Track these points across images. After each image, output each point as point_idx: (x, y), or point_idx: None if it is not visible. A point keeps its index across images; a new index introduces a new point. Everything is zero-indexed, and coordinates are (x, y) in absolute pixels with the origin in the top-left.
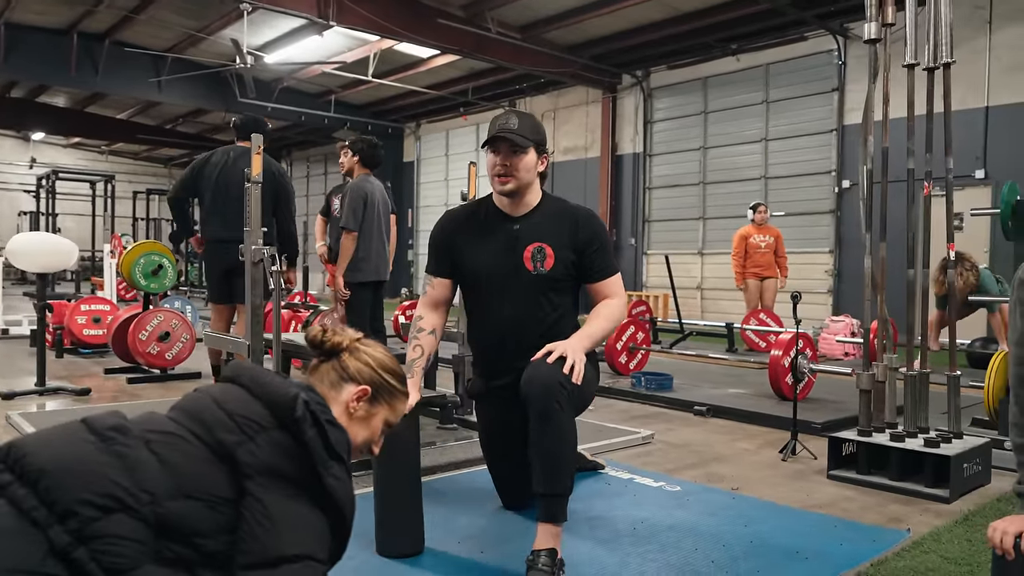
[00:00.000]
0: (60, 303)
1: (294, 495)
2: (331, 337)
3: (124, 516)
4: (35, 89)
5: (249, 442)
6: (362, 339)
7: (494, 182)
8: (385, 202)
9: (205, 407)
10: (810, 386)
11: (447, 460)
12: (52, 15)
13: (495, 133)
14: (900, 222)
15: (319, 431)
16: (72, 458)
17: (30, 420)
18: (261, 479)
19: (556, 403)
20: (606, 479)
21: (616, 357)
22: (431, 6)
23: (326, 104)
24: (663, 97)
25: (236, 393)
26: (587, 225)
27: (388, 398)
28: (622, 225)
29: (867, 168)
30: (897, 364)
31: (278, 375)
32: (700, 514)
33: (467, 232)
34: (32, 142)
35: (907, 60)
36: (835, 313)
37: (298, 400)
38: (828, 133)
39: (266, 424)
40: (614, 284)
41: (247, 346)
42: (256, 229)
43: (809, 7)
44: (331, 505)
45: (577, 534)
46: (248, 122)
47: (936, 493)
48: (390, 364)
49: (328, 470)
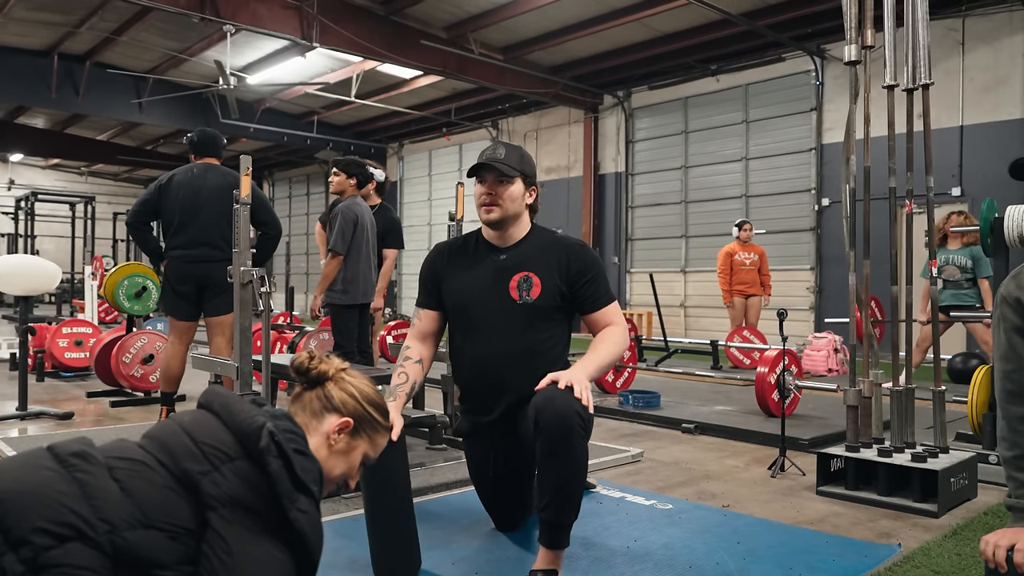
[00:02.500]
0: (41, 326)
1: (258, 529)
2: (317, 365)
3: (80, 545)
4: (14, 110)
5: (214, 472)
6: (347, 369)
7: (480, 212)
8: (373, 223)
9: (173, 435)
10: (796, 403)
11: (438, 481)
12: (32, 37)
13: (480, 161)
14: (883, 239)
15: (284, 462)
16: (30, 485)
17: (12, 445)
18: (224, 511)
19: (574, 431)
20: (598, 498)
21: (603, 375)
22: (414, 28)
23: (309, 125)
24: (644, 117)
25: (206, 421)
26: (579, 257)
27: (370, 431)
28: (605, 244)
29: (849, 187)
30: (882, 380)
31: (253, 402)
32: (693, 532)
33: (454, 264)
34: (10, 163)
35: (887, 81)
36: (817, 330)
37: (264, 430)
38: (807, 152)
39: (232, 454)
40: (611, 313)
41: (236, 368)
42: (245, 249)
43: (786, 29)
44: (296, 540)
45: (571, 554)
46: (204, 138)
47: (924, 508)
48: (375, 397)
49: (294, 503)
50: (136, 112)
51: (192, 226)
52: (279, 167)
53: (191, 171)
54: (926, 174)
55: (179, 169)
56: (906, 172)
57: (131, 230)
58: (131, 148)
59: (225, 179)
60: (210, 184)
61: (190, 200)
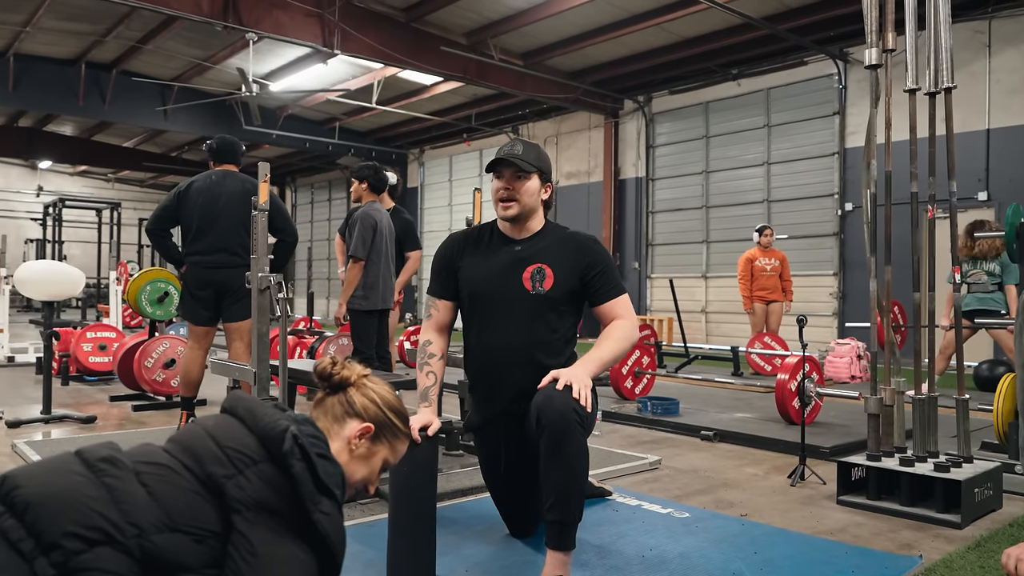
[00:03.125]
0: (66, 330)
1: (282, 531)
2: (339, 371)
3: (109, 549)
4: (43, 118)
5: (239, 476)
6: (369, 375)
7: (498, 207)
8: (391, 229)
9: (198, 439)
10: (817, 410)
11: (453, 487)
12: (61, 46)
13: (499, 157)
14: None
15: (308, 465)
16: (60, 490)
17: (35, 448)
18: (249, 514)
19: (571, 431)
20: (614, 506)
21: (622, 382)
22: (434, 34)
23: (330, 131)
24: (665, 122)
25: (231, 425)
26: (589, 250)
27: (391, 437)
28: (626, 249)
29: (870, 192)
30: (905, 388)
31: (275, 407)
32: (710, 541)
33: (470, 253)
34: (39, 170)
35: (908, 85)
36: (840, 336)
37: (287, 433)
38: (830, 156)
39: (257, 457)
40: (621, 305)
41: (253, 373)
42: (263, 255)
43: (808, 33)
44: (320, 541)
45: (586, 562)
46: (223, 145)
47: (947, 519)
48: (395, 404)
49: (317, 505)
50: (161, 119)
51: (210, 232)
52: (301, 173)
53: (210, 178)
54: (949, 179)
55: (198, 176)
56: (928, 177)
57: (151, 237)
58: (156, 155)
59: (243, 186)
60: (228, 191)
61: (208, 207)
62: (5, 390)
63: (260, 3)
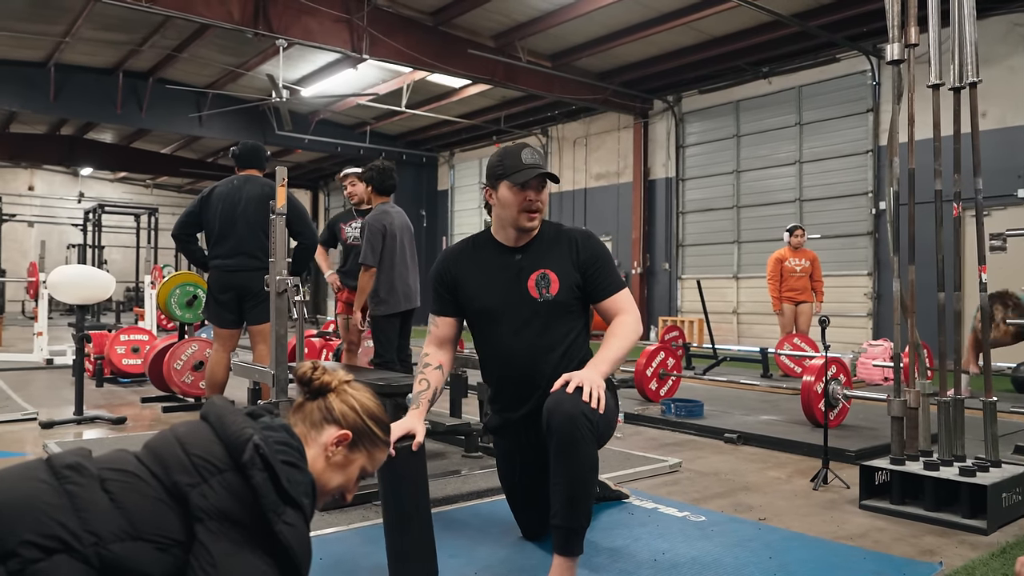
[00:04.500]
0: (101, 333)
1: (243, 542)
2: (320, 376)
3: (66, 557)
4: (83, 126)
5: (203, 484)
6: (352, 382)
7: (521, 218)
8: (407, 226)
9: (168, 445)
10: (845, 413)
11: (469, 489)
12: (99, 55)
13: (535, 170)
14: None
15: (270, 475)
16: (21, 497)
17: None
18: (212, 523)
19: (579, 434)
20: (629, 509)
21: (646, 384)
22: (462, 37)
23: (361, 135)
24: (695, 121)
25: (201, 432)
26: (585, 246)
27: (369, 445)
28: (656, 250)
29: (893, 189)
30: (930, 390)
31: (249, 415)
32: (724, 545)
33: (469, 269)
34: (80, 177)
35: (932, 80)
36: (875, 337)
37: (249, 443)
38: (863, 154)
39: (222, 466)
40: (622, 300)
41: (272, 375)
42: (281, 259)
43: (840, 29)
44: (283, 553)
45: (596, 565)
46: (249, 151)
47: (973, 524)
48: (376, 411)
49: (280, 515)
50: (196, 126)
51: (231, 236)
52: (333, 177)
53: (232, 183)
54: (974, 176)
55: (221, 181)
56: (953, 174)
57: (177, 242)
58: (193, 161)
59: (263, 190)
60: (247, 195)
61: (229, 211)
62: (42, 391)
63: (289, 10)
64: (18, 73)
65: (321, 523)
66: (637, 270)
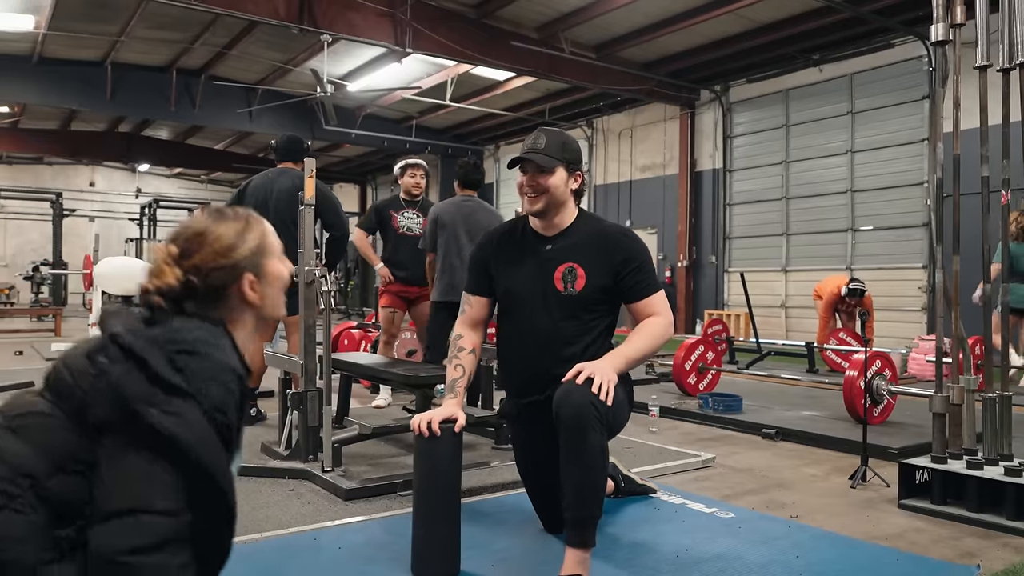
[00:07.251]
0: None
1: (128, 444)
2: (152, 282)
3: (10, 513)
4: (140, 123)
5: (85, 396)
6: (174, 240)
7: (524, 202)
8: (461, 218)
9: (57, 372)
10: (890, 409)
11: (494, 481)
12: (153, 54)
13: (520, 154)
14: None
15: (135, 363)
16: None
17: None
18: (105, 438)
19: (587, 424)
20: (656, 504)
21: (685, 377)
22: (505, 29)
23: (407, 129)
24: (743, 111)
25: (80, 348)
26: (622, 246)
27: (251, 267)
28: (702, 243)
29: (937, 177)
30: (975, 385)
31: (134, 316)
32: (750, 543)
33: (504, 252)
34: (138, 173)
35: (979, 62)
36: (928, 331)
37: (103, 338)
38: (919, 143)
39: (95, 372)
40: (656, 303)
41: (301, 365)
42: (309, 250)
43: (894, 13)
44: (172, 447)
45: (615, 560)
46: (285, 143)
47: (1018, 526)
48: (209, 224)
49: (154, 405)
50: (247, 121)
51: None
52: (381, 171)
53: (266, 175)
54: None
55: (258, 174)
56: (1001, 160)
57: None
58: (245, 156)
59: (294, 182)
60: (279, 188)
61: (261, 204)
62: None
63: (334, 5)
64: (77, 72)
65: (343, 512)
66: (683, 263)
